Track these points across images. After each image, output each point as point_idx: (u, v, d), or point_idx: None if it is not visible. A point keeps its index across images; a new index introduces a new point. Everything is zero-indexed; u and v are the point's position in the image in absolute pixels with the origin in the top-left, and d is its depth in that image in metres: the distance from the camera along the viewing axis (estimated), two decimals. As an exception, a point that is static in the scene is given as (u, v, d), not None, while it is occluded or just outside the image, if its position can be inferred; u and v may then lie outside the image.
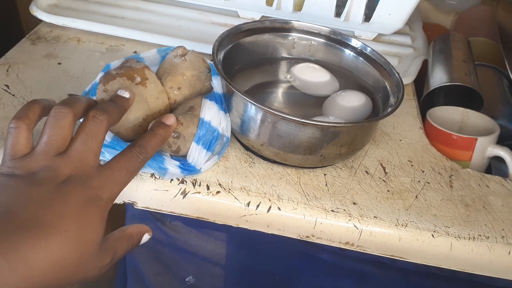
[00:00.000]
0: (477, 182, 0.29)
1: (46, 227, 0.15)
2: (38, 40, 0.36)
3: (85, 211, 0.16)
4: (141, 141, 0.20)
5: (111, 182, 0.18)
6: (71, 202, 0.16)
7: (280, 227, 0.25)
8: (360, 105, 0.29)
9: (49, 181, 0.16)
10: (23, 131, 0.18)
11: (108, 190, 0.17)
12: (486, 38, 0.45)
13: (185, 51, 0.29)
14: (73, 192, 0.16)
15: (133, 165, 0.18)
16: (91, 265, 0.17)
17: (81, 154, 0.17)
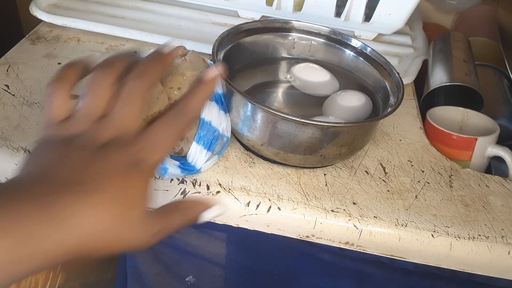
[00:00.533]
0: (477, 182, 0.29)
1: (86, 186, 0.15)
2: (38, 40, 0.36)
3: (127, 174, 0.16)
4: (181, 102, 0.19)
5: (152, 147, 0.17)
6: (112, 165, 0.16)
7: (280, 227, 0.25)
8: (360, 105, 0.29)
9: (89, 145, 0.16)
10: (60, 95, 0.17)
11: (150, 155, 0.16)
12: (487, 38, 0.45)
13: (185, 51, 0.29)
14: (113, 155, 0.16)
15: (174, 129, 0.17)
16: (135, 233, 0.16)
17: (120, 119, 0.17)
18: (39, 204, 0.14)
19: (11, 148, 0.26)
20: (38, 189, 0.14)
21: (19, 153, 0.26)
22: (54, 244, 0.14)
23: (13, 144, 0.26)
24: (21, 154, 0.26)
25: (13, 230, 0.13)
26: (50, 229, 0.14)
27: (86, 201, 0.15)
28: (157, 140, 0.17)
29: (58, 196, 0.14)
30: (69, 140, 0.16)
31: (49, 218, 0.14)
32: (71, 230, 0.14)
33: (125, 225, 0.15)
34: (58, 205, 0.14)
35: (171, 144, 0.17)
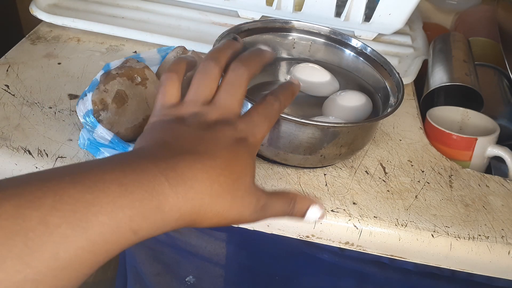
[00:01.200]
0: (477, 182, 0.29)
1: (201, 155, 0.16)
2: (38, 40, 0.36)
3: (235, 148, 0.17)
4: (273, 92, 0.20)
5: (253, 126, 0.18)
6: (223, 139, 0.17)
7: (280, 227, 0.25)
8: (360, 105, 0.29)
9: (200, 124, 0.18)
10: (173, 82, 0.19)
11: (253, 134, 0.18)
12: (487, 38, 0.45)
13: (185, 51, 0.29)
14: (221, 131, 0.17)
15: (269, 112, 0.19)
16: (243, 203, 0.16)
17: (226, 103, 0.18)
18: (160, 166, 0.15)
19: (11, 148, 0.26)
20: (159, 154, 0.15)
21: (19, 153, 0.26)
22: (171, 206, 0.14)
23: (13, 144, 0.26)
24: (21, 154, 0.26)
25: (137, 190, 0.14)
26: (169, 191, 0.14)
27: (201, 166, 0.15)
28: (257, 120, 0.19)
29: (178, 160, 0.15)
30: (182, 119, 0.18)
31: (169, 182, 0.14)
32: (186, 194, 0.15)
33: (234, 193, 0.16)
34: (179, 168, 0.15)
35: (269, 125, 0.19)
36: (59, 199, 0.12)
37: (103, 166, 0.14)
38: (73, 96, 0.31)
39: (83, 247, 0.12)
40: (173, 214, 0.14)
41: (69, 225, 0.12)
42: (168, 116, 0.18)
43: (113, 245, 0.13)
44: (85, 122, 0.25)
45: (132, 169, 0.14)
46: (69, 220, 0.12)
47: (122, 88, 0.25)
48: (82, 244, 0.12)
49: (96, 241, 0.13)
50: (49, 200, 0.12)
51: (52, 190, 0.13)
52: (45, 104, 0.30)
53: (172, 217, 0.14)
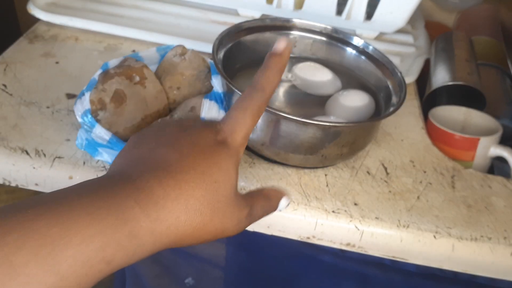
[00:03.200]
0: (480, 183, 0.29)
1: (172, 165, 0.15)
2: (35, 39, 0.36)
3: (214, 152, 0.16)
4: (255, 79, 0.18)
5: (233, 124, 0.17)
6: (199, 143, 0.16)
7: (280, 228, 0.25)
8: (363, 105, 0.28)
9: (180, 126, 0.17)
10: None
11: (233, 133, 0.17)
12: (489, 37, 0.44)
13: (184, 50, 0.28)
14: (199, 134, 0.16)
15: (250, 105, 0.17)
16: (227, 213, 0.15)
17: None
18: (129, 189, 0.14)
19: (9, 148, 0.26)
20: (132, 173, 0.14)
21: (17, 153, 0.25)
22: (144, 231, 0.13)
23: (10, 144, 0.26)
24: (18, 154, 0.25)
25: (107, 218, 0.13)
26: (140, 214, 0.13)
27: (173, 182, 0.14)
28: (237, 117, 0.17)
29: (148, 178, 0.14)
30: (163, 125, 0.17)
31: (139, 205, 0.14)
32: (158, 215, 0.14)
33: (214, 206, 0.15)
34: (148, 188, 0.14)
35: (252, 121, 0.17)
36: (23, 235, 0.12)
37: (70, 194, 0.13)
38: (71, 95, 0.30)
39: (53, 283, 0.12)
40: (148, 239, 0.14)
41: (36, 263, 0.11)
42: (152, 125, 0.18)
43: (85, 277, 0.12)
44: (83, 122, 0.25)
45: (100, 195, 0.13)
46: (36, 257, 0.11)
47: (121, 88, 0.25)
48: (52, 281, 0.12)
49: (66, 276, 0.12)
50: (13, 237, 0.11)
51: (16, 226, 0.12)
52: (43, 104, 0.29)
53: (148, 242, 0.14)
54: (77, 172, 0.25)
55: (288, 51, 0.18)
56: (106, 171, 0.25)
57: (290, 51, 0.18)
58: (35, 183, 0.25)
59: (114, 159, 0.17)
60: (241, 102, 0.17)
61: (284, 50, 0.18)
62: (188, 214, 0.14)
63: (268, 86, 0.18)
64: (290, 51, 0.18)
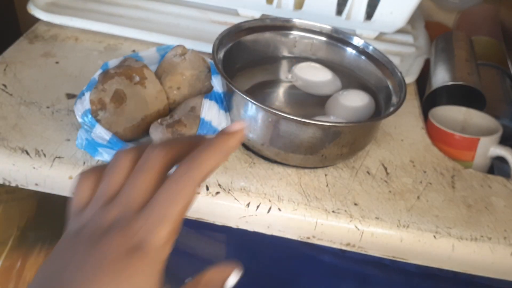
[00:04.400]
0: (480, 183, 0.29)
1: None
2: (35, 39, 0.36)
3: (124, 267, 0.13)
4: (191, 155, 0.15)
5: (153, 222, 0.14)
6: (106, 259, 0.13)
7: (280, 228, 0.25)
8: (363, 105, 0.28)
9: (91, 234, 0.14)
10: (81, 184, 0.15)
11: (151, 233, 0.13)
12: (489, 37, 0.44)
13: (184, 50, 0.28)
14: (110, 244, 0.13)
15: (183, 188, 0.14)
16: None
17: (126, 195, 0.14)
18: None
19: (9, 148, 0.26)
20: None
21: (17, 153, 0.25)
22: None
23: (10, 144, 0.26)
24: (18, 154, 0.25)
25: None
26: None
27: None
28: (159, 212, 0.14)
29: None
30: (78, 232, 0.14)
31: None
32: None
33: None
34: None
35: (178, 215, 0.14)
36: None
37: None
38: (71, 95, 0.30)
39: None
40: None
41: None
42: (69, 230, 0.15)
43: None
44: (83, 122, 0.25)
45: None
46: None
47: (121, 88, 0.25)
48: None
49: None
50: None
51: None
52: (43, 104, 0.29)
53: None
54: (77, 172, 0.25)
55: (240, 135, 0.15)
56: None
57: (242, 136, 0.15)
58: (35, 183, 0.25)
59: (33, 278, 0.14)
60: (166, 192, 0.14)
61: (237, 132, 0.15)
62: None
63: (201, 170, 0.14)
64: (242, 136, 0.15)
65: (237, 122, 0.16)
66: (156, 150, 0.15)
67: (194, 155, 0.14)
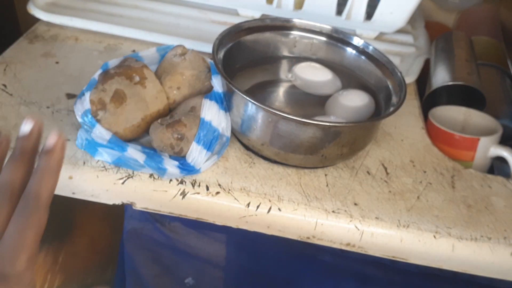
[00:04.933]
0: (480, 183, 0.29)
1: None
2: (35, 39, 0.36)
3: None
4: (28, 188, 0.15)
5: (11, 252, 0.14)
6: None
7: (280, 228, 0.25)
8: (363, 105, 0.28)
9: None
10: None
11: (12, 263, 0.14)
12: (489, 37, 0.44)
13: (184, 50, 0.28)
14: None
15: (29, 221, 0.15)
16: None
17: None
18: None
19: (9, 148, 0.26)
20: None
21: (16, 153, 0.25)
22: None
23: (10, 144, 0.26)
24: (18, 154, 0.25)
25: None
26: None
27: None
28: (14, 243, 0.14)
29: None
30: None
31: None
32: None
33: None
34: None
35: (32, 243, 0.15)
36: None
37: None
38: (71, 95, 0.30)
39: None
40: None
41: None
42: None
43: None
44: (83, 122, 0.25)
45: None
46: None
47: (121, 88, 0.25)
48: None
49: None
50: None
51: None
52: (43, 104, 0.29)
53: None
54: (77, 172, 0.25)
55: (60, 145, 0.16)
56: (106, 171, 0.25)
57: (63, 145, 0.16)
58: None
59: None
60: (15, 224, 0.15)
61: (55, 145, 0.16)
62: None
63: (43, 195, 0.15)
64: (63, 145, 0.16)
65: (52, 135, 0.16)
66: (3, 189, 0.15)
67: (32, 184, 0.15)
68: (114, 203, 0.25)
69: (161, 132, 0.25)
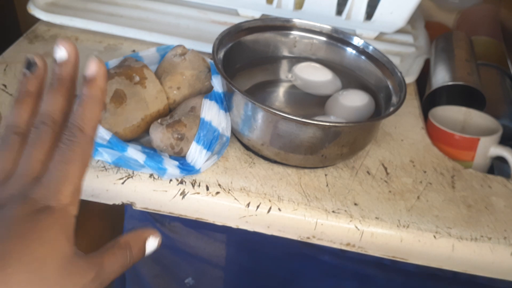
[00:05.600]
0: (480, 183, 0.29)
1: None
2: (35, 39, 0.36)
3: (33, 226, 0.14)
4: (71, 119, 0.15)
5: (56, 183, 0.15)
6: (13, 223, 0.14)
7: (280, 228, 0.25)
8: (363, 105, 0.28)
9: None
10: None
11: (58, 193, 0.14)
12: (489, 37, 0.44)
13: (184, 50, 0.28)
14: (12, 211, 0.14)
15: (74, 153, 0.15)
16: (63, 286, 0.14)
17: (25, 167, 0.15)
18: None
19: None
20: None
21: (16, 153, 0.25)
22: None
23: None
24: (18, 154, 0.25)
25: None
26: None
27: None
28: (58, 176, 0.15)
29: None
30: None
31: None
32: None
33: (44, 282, 0.13)
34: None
35: (79, 172, 0.15)
36: None
37: None
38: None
39: None
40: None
41: None
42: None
43: None
44: (83, 122, 0.25)
45: None
46: None
47: (121, 88, 0.25)
48: None
49: None
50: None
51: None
52: (43, 104, 0.29)
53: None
54: (77, 172, 0.25)
55: (102, 73, 0.15)
56: (106, 171, 0.25)
57: (105, 72, 0.16)
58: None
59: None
60: (60, 155, 0.15)
61: (97, 73, 0.15)
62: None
63: (87, 126, 0.15)
64: (105, 72, 0.16)
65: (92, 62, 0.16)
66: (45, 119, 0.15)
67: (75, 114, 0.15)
68: (114, 203, 0.25)
69: (161, 132, 0.25)
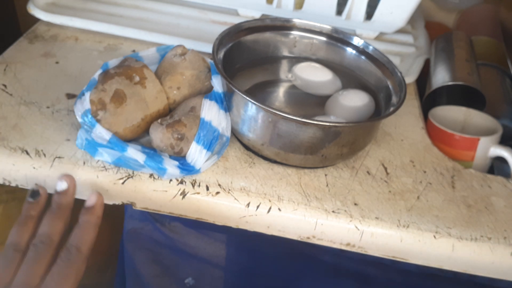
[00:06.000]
0: (480, 183, 0.29)
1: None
2: (35, 39, 0.36)
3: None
4: (71, 240, 0.18)
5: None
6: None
7: (280, 228, 0.25)
8: (363, 105, 0.28)
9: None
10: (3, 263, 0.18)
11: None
12: (489, 37, 0.44)
13: (184, 50, 0.28)
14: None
15: (70, 270, 0.17)
16: None
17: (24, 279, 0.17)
18: None
19: (8, 148, 0.26)
20: None
21: (17, 153, 0.25)
22: None
23: (10, 144, 0.26)
24: (18, 154, 0.25)
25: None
26: None
27: None
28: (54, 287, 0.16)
29: None
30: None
31: None
32: None
33: None
34: None
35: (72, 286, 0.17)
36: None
37: None
38: (71, 95, 0.30)
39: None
40: None
41: None
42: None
43: None
44: (83, 122, 0.25)
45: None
46: None
47: (121, 88, 0.25)
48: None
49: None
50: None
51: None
52: (43, 104, 0.29)
53: None
54: (77, 172, 0.25)
55: (100, 204, 0.19)
56: (106, 171, 0.25)
57: (102, 203, 0.19)
58: (35, 183, 0.25)
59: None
60: (58, 269, 0.17)
61: (96, 203, 0.18)
62: None
63: (84, 246, 0.18)
64: (102, 203, 0.19)
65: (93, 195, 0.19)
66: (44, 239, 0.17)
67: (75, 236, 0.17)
68: (114, 203, 0.25)
69: (161, 132, 0.25)
